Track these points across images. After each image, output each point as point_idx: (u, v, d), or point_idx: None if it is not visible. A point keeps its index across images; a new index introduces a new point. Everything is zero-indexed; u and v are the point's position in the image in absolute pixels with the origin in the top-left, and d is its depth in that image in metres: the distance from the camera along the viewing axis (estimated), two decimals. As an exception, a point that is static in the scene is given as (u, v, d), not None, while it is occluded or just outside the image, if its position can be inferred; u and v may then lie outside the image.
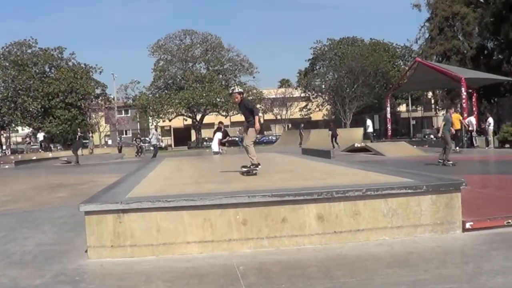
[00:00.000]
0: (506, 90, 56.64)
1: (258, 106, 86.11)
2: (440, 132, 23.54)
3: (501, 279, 6.54)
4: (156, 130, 33.28)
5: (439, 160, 22.44)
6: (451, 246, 8.40)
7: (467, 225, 9.35)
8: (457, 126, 40.37)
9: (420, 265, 7.23)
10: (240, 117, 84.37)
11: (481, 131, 42.21)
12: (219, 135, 27.17)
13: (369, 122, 53.44)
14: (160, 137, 30.89)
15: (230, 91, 13.31)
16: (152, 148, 34.45)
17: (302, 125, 58.76)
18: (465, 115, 43.24)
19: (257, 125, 12.18)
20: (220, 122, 29.50)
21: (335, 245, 8.59)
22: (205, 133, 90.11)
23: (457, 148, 36.65)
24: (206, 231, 8.45)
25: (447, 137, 22.81)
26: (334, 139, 49.34)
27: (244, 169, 12.63)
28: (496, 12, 57.99)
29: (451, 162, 21.89)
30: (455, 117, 44.36)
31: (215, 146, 26.84)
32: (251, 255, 8.21)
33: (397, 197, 8.98)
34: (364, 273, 7.06)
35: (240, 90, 13.02)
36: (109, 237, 8.28)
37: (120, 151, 59.13)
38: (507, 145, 36.89)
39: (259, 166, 12.64)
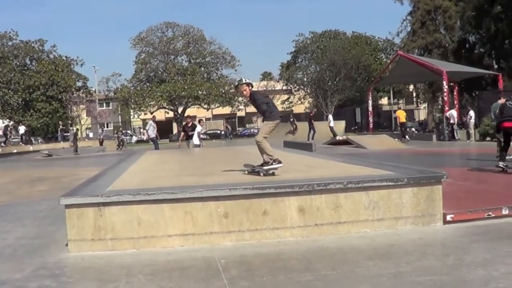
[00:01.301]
0: (487, 83, 56.75)
1: (240, 99, 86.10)
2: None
3: (481, 271, 6.58)
4: (154, 121, 32.70)
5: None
6: (432, 238, 8.43)
7: (448, 218, 9.39)
8: (402, 119, 41.63)
9: (401, 257, 7.26)
10: (222, 110, 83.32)
11: (462, 124, 42.37)
12: (199, 128, 27.71)
13: (330, 117, 53.93)
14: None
15: (236, 83, 11.55)
16: (151, 141, 33.89)
17: (292, 116, 58.41)
18: (446, 108, 43.45)
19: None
20: (188, 116, 30.08)
21: (316, 237, 8.62)
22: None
23: (403, 139, 40.13)
24: (187, 224, 8.43)
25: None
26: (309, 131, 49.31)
27: (265, 168, 10.62)
28: (478, 6, 58.11)
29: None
30: (400, 112, 45.76)
31: (195, 139, 27.32)
32: (232, 248, 8.21)
33: (378, 190, 9.01)
34: (345, 266, 7.08)
35: (248, 81, 11.12)
36: (89, 231, 8.25)
37: (101, 144, 58.92)
38: (488, 138, 37.01)
39: (281, 164, 10.62)
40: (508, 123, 15.75)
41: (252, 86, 11.05)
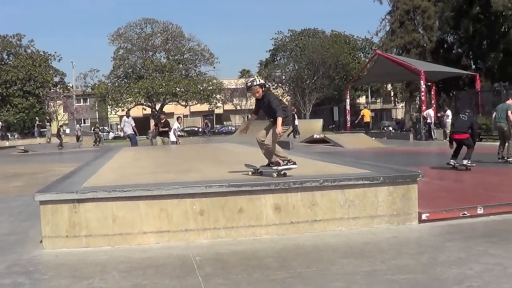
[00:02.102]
0: (465, 83, 57.04)
1: (218, 96, 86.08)
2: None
3: (456, 270, 6.61)
4: (128, 116, 32.52)
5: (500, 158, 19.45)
6: (407, 237, 8.47)
7: (423, 216, 9.45)
8: (367, 119, 42.36)
9: (376, 256, 7.28)
10: (200, 107, 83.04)
11: (439, 124, 42.62)
12: (176, 125, 28.08)
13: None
14: (133, 124, 30.02)
15: (249, 84, 10.24)
16: (128, 138, 33.69)
17: None
18: (424, 107, 43.66)
19: (279, 128, 9.51)
20: (163, 113, 30.29)
21: (292, 235, 8.63)
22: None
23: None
24: (162, 221, 8.41)
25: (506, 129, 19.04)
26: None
27: (280, 168, 9.77)
28: (456, 7, 58.42)
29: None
30: (366, 112, 46.67)
31: (172, 136, 27.75)
32: (207, 245, 8.20)
33: (354, 188, 9.04)
34: (320, 264, 7.09)
35: (261, 81, 10.18)
36: (64, 227, 8.19)
37: (78, 140, 58.69)
38: (465, 138, 37.23)
39: (295, 165, 9.88)
40: (458, 135, 16.65)
41: (265, 87, 10.21)
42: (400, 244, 7.88)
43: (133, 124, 32.75)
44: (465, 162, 16.24)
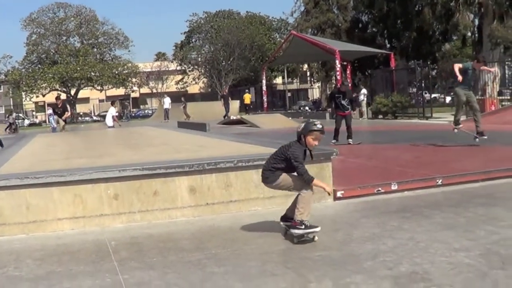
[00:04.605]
0: (380, 62, 57.74)
1: (133, 80, 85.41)
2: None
3: (370, 246, 6.75)
4: (114, 105, 31.02)
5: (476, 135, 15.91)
6: (322, 214, 8.54)
7: (338, 194, 9.59)
8: (247, 101, 43.65)
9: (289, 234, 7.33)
10: (116, 91, 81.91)
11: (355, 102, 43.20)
12: (112, 110, 28.49)
13: (167, 100, 54.34)
14: (115, 114, 28.71)
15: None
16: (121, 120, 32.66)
17: (183, 99, 57.84)
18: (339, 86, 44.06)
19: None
20: (58, 97, 30.29)
21: (207, 217, 8.66)
22: (80, 108, 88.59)
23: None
24: (77, 207, 8.31)
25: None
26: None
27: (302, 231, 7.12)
28: (370, -14, 59.22)
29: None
30: (247, 96, 48.57)
31: (108, 121, 28.27)
32: (123, 229, 8.16)
33: (269, 168, 9.06)
34: (236, 244, 7.13)
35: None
36: (-24, 216, 8.03)
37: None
38: (380, 116, 37.86)
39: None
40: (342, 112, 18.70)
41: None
42: (315, 222, 7.93)
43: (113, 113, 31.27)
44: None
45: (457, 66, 15.46)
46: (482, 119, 16.24)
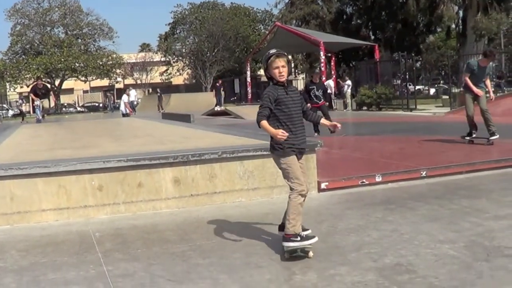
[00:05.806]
0: (364, 54, 57.86)
1: (118, 71, 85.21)
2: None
3: (354, 237, 6.77)
4: (127, 92, 30.59)
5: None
6: (306, 206, 8.41)
7: (323, 186, 9.60)
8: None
9: (276, 226, 7.32)
10: (100, 82, 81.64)
11: (339, 94, 43.20)
12: (125, 98, 28.54)
13: (133, 92, 54.39)
14: (127, 101, 28.43)
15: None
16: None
17: (159, 90, 57.94)
18: (324, 78, 44.10)
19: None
20: (39, 78, 30.53)
21: (192, 208, 8.65)
22: (64, 99, 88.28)
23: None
24: (61, 198, 8.28)
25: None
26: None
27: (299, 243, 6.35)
28: (355, -23, 59.29)
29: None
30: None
31: (122, 108, 28.49)
32: (107, 221, 8.15)
33: (253, 159, 9.08)
34: (220, 235, 7.11)
35: None
36: (-41, 207, 7.99)
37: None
38: (364, 108, 37.87)
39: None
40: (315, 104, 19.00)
41: None
42: (299, 213, 7.96)
43: (126, 100, 30.91)
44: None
45: (467, 79, 14.37)
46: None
